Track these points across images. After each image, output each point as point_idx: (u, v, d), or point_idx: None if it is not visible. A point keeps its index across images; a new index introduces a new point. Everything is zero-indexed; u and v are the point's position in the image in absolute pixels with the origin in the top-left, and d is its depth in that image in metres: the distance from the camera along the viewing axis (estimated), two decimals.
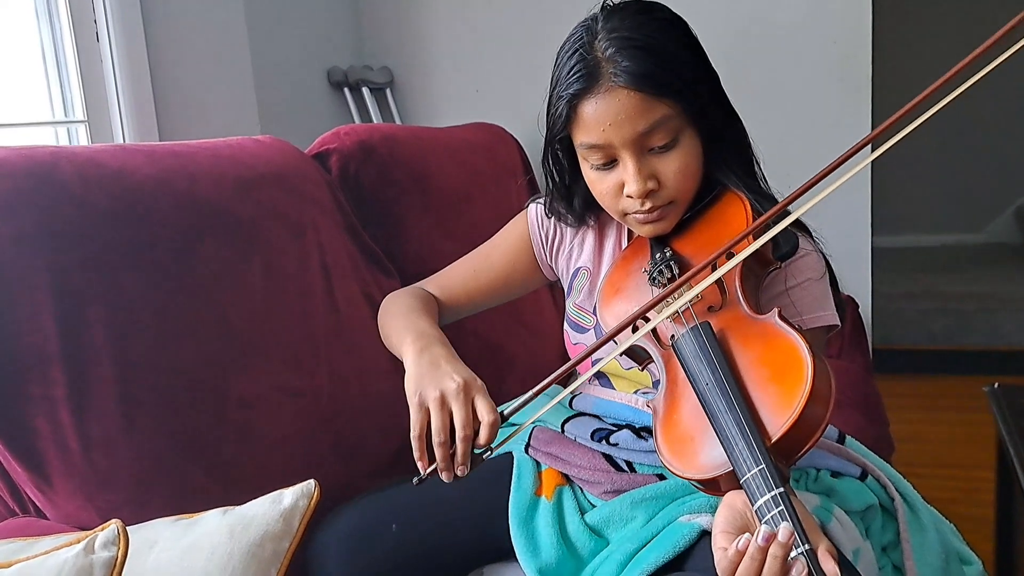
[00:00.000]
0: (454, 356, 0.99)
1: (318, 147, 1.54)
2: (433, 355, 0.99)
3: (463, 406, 0.91)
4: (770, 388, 0.83)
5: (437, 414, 0.92)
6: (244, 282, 1.20)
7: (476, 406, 0.92)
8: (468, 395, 0.92)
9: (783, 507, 0.73)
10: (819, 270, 1.05)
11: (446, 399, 0.92)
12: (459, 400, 0.91)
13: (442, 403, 0.92)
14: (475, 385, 0.93)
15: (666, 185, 0.98)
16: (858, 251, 2.25)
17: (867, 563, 0.98)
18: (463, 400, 0.91)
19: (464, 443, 0.90)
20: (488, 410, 0.91)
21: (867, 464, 1.10)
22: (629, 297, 1.03)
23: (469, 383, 0.93)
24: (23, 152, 1.06)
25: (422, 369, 0.97)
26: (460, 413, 0.91)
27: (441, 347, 1.01)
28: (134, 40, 1.73)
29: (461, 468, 0.91)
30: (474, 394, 0.92)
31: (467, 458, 0.91)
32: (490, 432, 0.90)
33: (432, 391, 0.93)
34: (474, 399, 0.92)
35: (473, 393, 0.92)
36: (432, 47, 2.54)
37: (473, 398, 0.92)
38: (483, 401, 0.92)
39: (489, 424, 0.90)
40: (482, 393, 0.93)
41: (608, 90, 0.94)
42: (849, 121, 2.20)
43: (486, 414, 0.91)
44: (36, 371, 0.98)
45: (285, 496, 0.72)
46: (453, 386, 0.92)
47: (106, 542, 0.55)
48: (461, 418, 0.91)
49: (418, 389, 0.95)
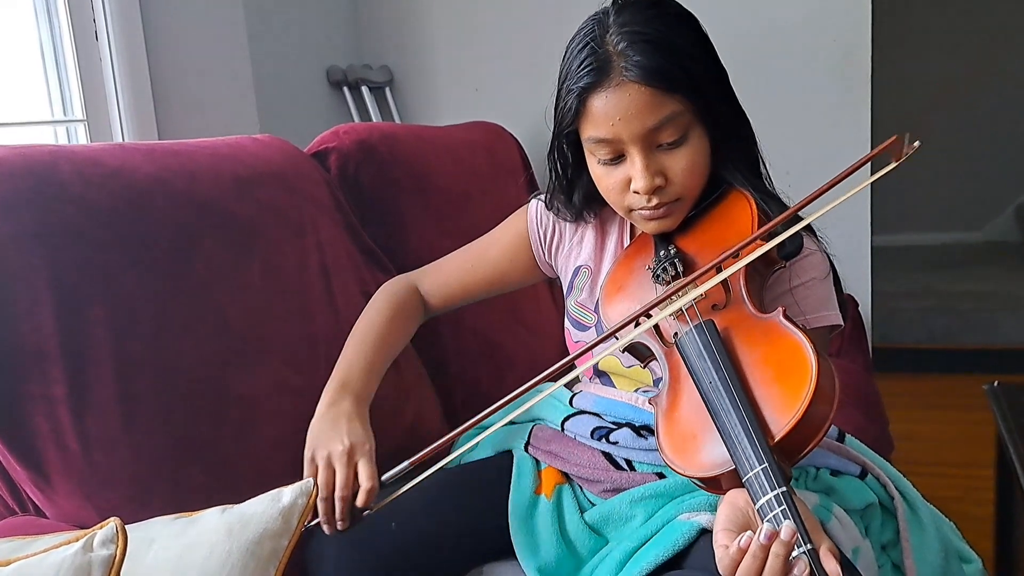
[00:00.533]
0: (358, 413, 1.05)
1: (317, 146, 1.54)
2: (339, 411, 1.04)
3: (345, 468, 0.97)
4: (774, 387, 0.83)
5: (322, 472, 0.97)
6: (243, 281, 1.20)
7: (359, 470, 0.97)
8: (352, 459, 0.98)
9: (786, 506, 0.73)
10: (823, 270, 1.05)
11: (331, 460, 0.98)
12: (342, 462, 0.97)
13: (327, 463, 0.98)
14: (361, 449, 0.99)
15: (673, 182, 0.98)
16: (858, 250, 2.25)
17: (867, 562, 0.98)
18: (346, 463, 0.97)
19: (341, 502, 0.96)
20: (367, 476, 0.97)
21: (867, 463, 1.10)
22: (632, 294, 1.03)
23: (355, 447, 0.99)
24: (22, 151, 1.06)
25: (323, 424, 1.03)
26: (341, 475, 0.97)
27: (350, 402, 1.05)
28: (133, 39, 1.73)
29: (340, 523, 0.97)
30: (357, 458, 0.98)
31: (345, 515, 0.96)
32: (366, 497, 0.96)
33: (322, 450, 0.99)
34: (357, 463, 0.98)
35: (356, 457, 0.98)
36: (431, 46, 2.53)
37: (356, 462, 0.98)
38: (365, 466, 0.97)
39: (366, 490, 0.96)
40: (366, 458, 0.99)
41: (619, 84, 0.93)
42: (848, 119, 2.20)
43: (365, 480, 0.96)
44: (35, 370, 0.98)
45: (284, 494, 0.72)
46: (340, 448, 0.98)
47: (105, 540, 0.55)
48: (341, 479, 0.96)
49: (312, 445, 1.01)
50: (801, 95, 2.24)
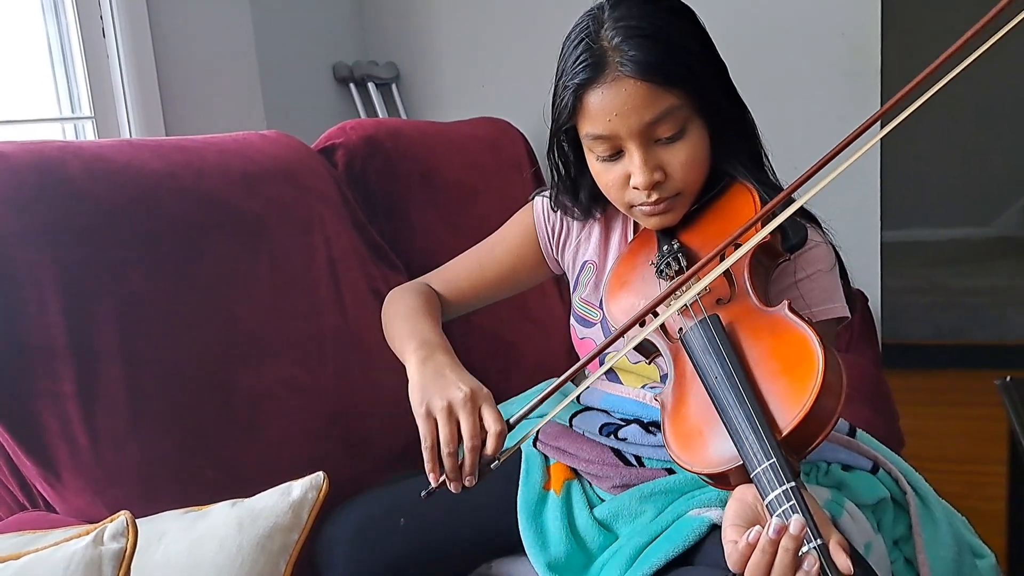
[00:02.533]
0: (458, 364, 0.99)
1: (324, 142, 1.54)
2: (437, 364, 0.98)
3: (470, 416, 0.90)
4: (780, 381, 0.82)
5: (445, 424, 0.91)
6: (251, 277, 1.20)
7: (483, 416, 0.91)
8: (475, 404, 0.91)
9: (795, 501, 0.73)
10: (829, 262, 1.04)
11: (453, 409, 0.91)
12: (466, 410, 0.91)
13: (449, 413, 0.91)
14: (481, 394, 0.93)
15: (673, 176, 0.97)
16: (867, 245, 2.24)
17: (879, 557, 0.97)
18: (470, 410, 0.91)
19: (472, 453, 0.90)
20: (495, 420, 0.90)
21: (878, 457, 1.09)
22: (636, 290, 1.02)
23: (475, 392, 0.92)
24: (30, 147, 1.06)
25: (426, 379, 0.96)
26: (467, 423, 0.90)
27: (444, 355, 1.00)
28: (140, 36, 1.73)
29: (469, 479, 0.90)
30: (480, 403, 0.92)
31: (475, 468, 0.90)
32: (497, 441, 0.90)
33: (439, 401, 0.92)
34: (481, 408, 0.91)
35: (479, 402, 0.92)
36: (437, 42, 2.53)
37: (480, 407, 0.91)
38: (489, 411, 0.91)
39: (496, 434, 0.90)
40: (488, 402, 0.92)
41: (615, 80, 0.93)
42: (858, 114, 2.19)
43: (493, 424, 0.90)
44: (44, 366, 0.98)
45: (294, 488, 0.72)
46: (460, 396, 0.92)
47: (115, 534, 0.55)
48: (468, 428, 0.90)
49: (424, 399, 0.94)
50: (810, 89, 2.23)
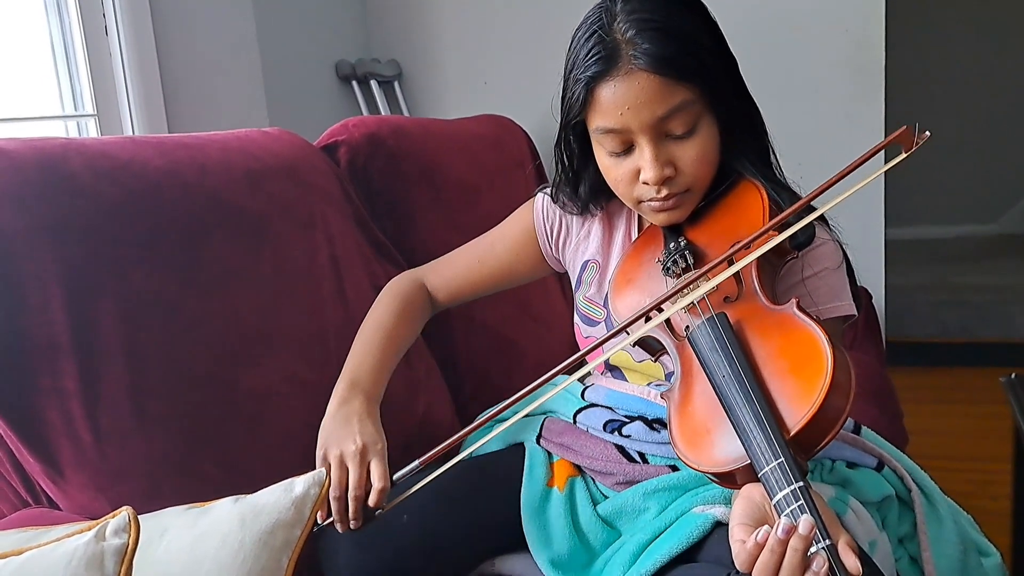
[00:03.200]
0: (369, 413, 1.04)
1: (327, 139, 1.54)
2: (350, 410, 1.03)
3: (357, 468, 0.96)
4: (789, 380, 0.82)
5: (335, 471, 0.96)
6: (254, 274, 1.20)
7: (371, 469, 0.96)
8: (364, 458, 0.97)
9: (803, 501, 0.72)
10: (836, 260, 1.03)
11: (343, 459, 0.97)
12: (355, 462, 0.96)
13: (340, 462, 0.97)
14: (373, 449, 0.98)
15: (683, 172, 0.97)
16: (872, 243, 2.24)
17: (883, 555, 0.97)
18: (359, 463, 0.96)
19: (355, 502, 0.95)
20: (379, 476, 0.96)
21: (884, 455, 1.09)
22: (642, 287, 1.02)
23: (368, 447, 0.98)
24: (33, 144, 1.06)
25: (334, 424, 1.02)
26: (354, 475, 0.96)
27: (362, 402, 1.04)
28: (143, 33, 1.73)
29: (353, 523, 0.96)
30: (370, 458, 0.98)
31: (358, 515, 0.95)
32: (378, 496, 0.95)
33: (334, 449, 0.98)
34: (370, 463, 0.97)
35: (369, 457, 0.98)
36: (440, 40, 2.53)
37: (369, 461, 0.97)
38: (377, 466, 0.96)
39: (378, 490, 0.95)
40: (379, 457, 0.97)
41: (627, 73, 0.92)
42: (862, 110, 2.19)
43: (377, 480, 0.95)
44: (47, 363, 0.98)
45: (296, 484, 0.71)
46: (352, 448, 0.97)
47: (117, 529, 0.55)
48: (354, 479, 0.96)
49: (324, 444, 1.00)
50: (814, 86, 2.23)
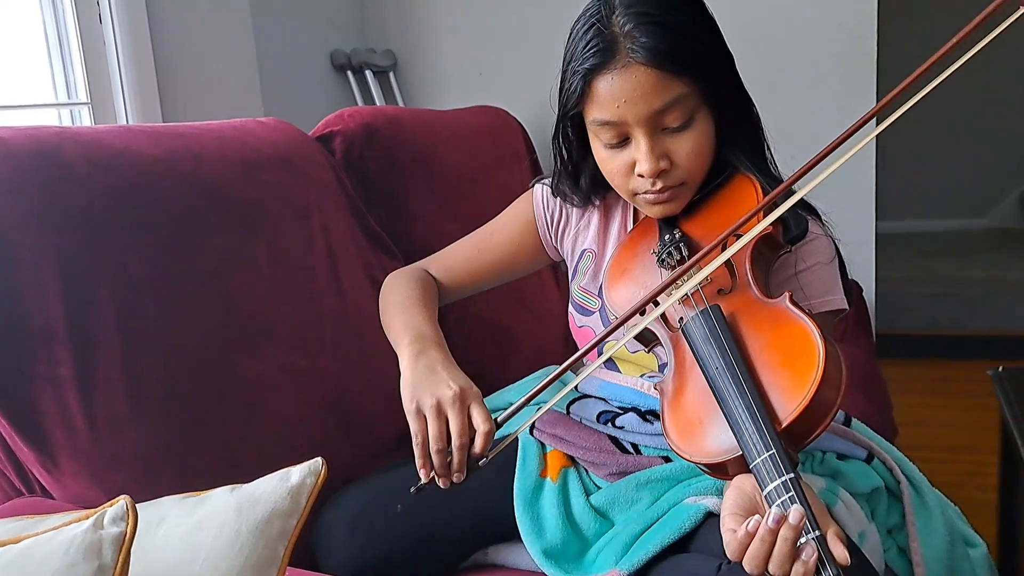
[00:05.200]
0: (450, 361, 0.99)
1: (322, 129, 1.54)
2: (430, 360, 0.98)
3: (459, 415, 0.91)
4: (781, 372, 0.83)
5: (434, 422, 0.91)
6: (249, 263, 1.20)
7: (472, 414, 0.92)
8: (464, 403, 0.92)
9: (794, 492, 0.73)
10: (829, 254, 1.04)
11: (442, 407, 0.92)
12: (455, 408, 0.91)
13: (438, 411, 0.92)
14: (471, 393, 0.93)
15: (678, 165, 0.97)
16: (862, 236, 2.25)
17: (872, 545, 0.98)
18: (459, 409, 0.91)
19: (460, 451, 0.90)
20: (484, 419, 0.91)
21: (873, 446, 1.10)
22: (636, 279, 1.02)
23: (465, 391, 0.93)
24: (28, 133, 1.05)
25: (418, 375, 0.97)
26: (456, 421, 0.91)
27: (437, 351, 1.00)
28: (137, 22, 1.73)
29: (457, 475, 0.91)
30: (470, 402, 0.92)
31: (463, 465, 0.91)
32: (485, 440, 0.90)
33: (428, 399, 0.93)
34: (470, 407, 0.92)
35: (469, 401, 0.92)
36: (436, 30, 2.53)
37: (469, 406, 0.92)
38: (479, 410, 0.92)
39: (484, 433, 0.90)
40: (478, 401, 0.93)
41: (625, 66, 0.92)
42: (855, 103, 2.20)
43: (481, 423, 0.91)
44: (42, 351, 0.98)
45: (292, 474, 0.72)
46: (449, 394, 0.92)
47: (115, 518, 0.56)
48: (457, 426, 0.91)
49: (415, 396, 0.94)
50: (807, 79, 2.24)
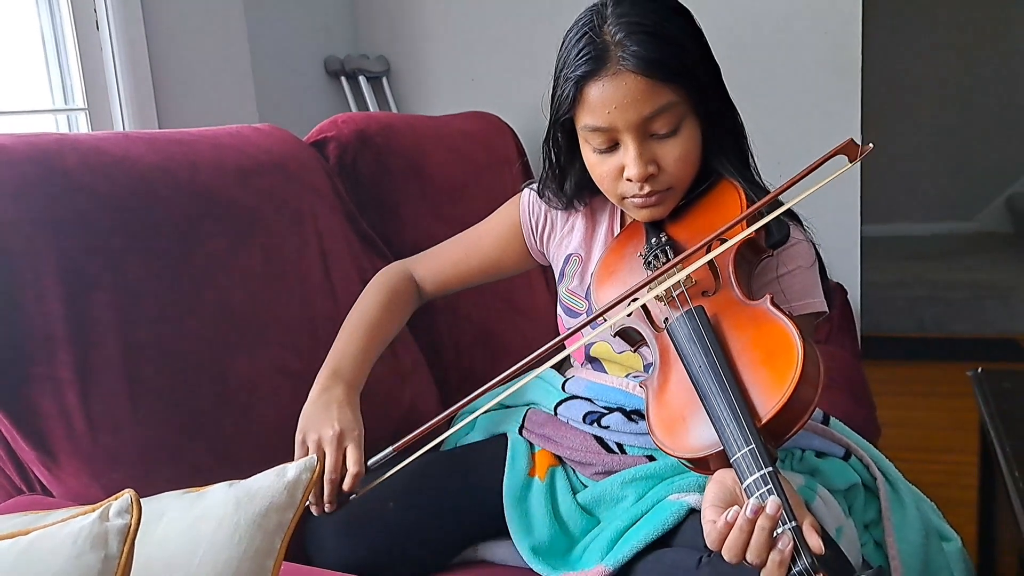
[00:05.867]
0: (349, 400, 1.07)
1: (316, 135, 1.56)
2: (330, 397, 1.06)
3: (334, 453, 1.00)
4: (761, 371, 0.85)
5: (312, 455, 0.98)
6: (245, 267, 1.22)
7: (347, 454, 1.00)
8: (341, 444, 1.01)
9: (771, 485, 0.76)
10: (809, 258, 1.07)
11: (321, 444, 1.01)
12: (332, 447, 1.00)
13: (317, 447, 1.01)
14: (350, 435, 1.02)
15: (665, 170, 1.00)
16: (847, 239, 2.28)
17: (850, 540, 1.01)
18: (335, 447, 1.00)
19: (330, 485, 0.99)
20: (354, 461, 1.00)
21: (850, 444, 1.13)
22: (623, 281, 1.05)
23: (345, 432, 1.02)
24: (28, 140, 1.07)
25: (314, 409, 1.05)
26: (330, 459, 1.00)
27: (343, 389, 1.08)
28: (134, 29, 1.75)
29: (328, 506, 0.99)
30: (346, 443, 1.01)
31: (333, 497, 0.99)
32: (352, 481, 0.99)
33: (312, 434, 1.02)
34: (346, 448, 1.01)
35: (346, 443, 1.01)
36: (428, 37, 2.55)
37: (345, 447, 1.01)
38: (353, 452, 1.00)
39: (352, 475, 0.99)
40: (355, 443, 1.01)
41: (616, 74, 0.95)
42: (840, 110, 2.23)
43: (352, 465, 0.99)
44: (43, 353, 1.00)
45: (288, 470, 0.74)
46: (330, 433, 1.01)
47: (120, 510, 0.58)
48: (330, 463, 0.99)
49: (303, 428, 1.04)
50: (792, 87, 2.27)
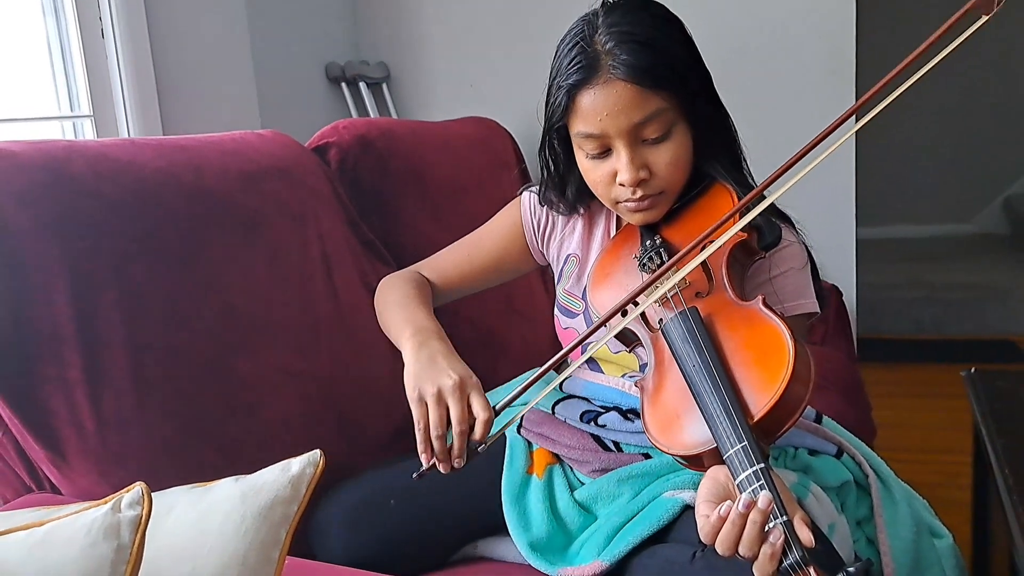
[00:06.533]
0: (451, 351, 1.03)
1: (317, 141, 1.58)
2: (431, 350, 1.02)
3: (459, 402, 0.95)
4: (753, 370, 0.87)
5: (434, 410, 0.96)
6: (249, 269, 1.25)
7: (471, 402, 0.96)
8: (464, 392, 0.96)
9: (764, 480, 0.78)
10: (801, 260, 1.09)
11: (443, 395, 0.96)
12: (455, 397, 0.95)
13: (439, 399, 0.96)
14: (470, 382, 0.97)
15: (658, 175, 1.02)
16: (843, 241, 2.30)
17: (842, 537, 1.02)
18: (459, 397, 0.96)
19: (460, 438, 0.95)
20: (482, 407, 0.95)
21: (843, 442, 1.14)
22: (619, 282, 1.07)
23: (465, 380, 0.97)
24: (38, 146, 1.10)
25: (420, 365, 1.01)
26: (456, 409, 0.95)
27: (439, 342, 1.04)
28: (138, 37, 1.77)
29: (458, 461, 0.95)
30: (469, 391, 0.96)
31: (463, 451, 0.95)
32: (484, 428, 0.94)
33: (430, 387, 0.97)
34: (469, 396, 0.96)
35: (468, 390, 0.96)
36: (428, 43, 2.57)
37: (469, 395, 0.96)
38: (478, 398, 0.96)
39: (484, 421, 0.94)
40: (477, 390, 0.97)
41: (607, 82, 0.98)
42: (836, 113, 2.24)
43: (481, 411, 0.95)
44: (52, 354, 1.02)
45: (293, 464, 0.76)
46: (449, 383, 0.96)
47: (132, 502, 0.60)
48: (457, 414, 0.95)
49: (417, 385, 0.98)
50: (788, 91, 2.29)
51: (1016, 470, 1.06)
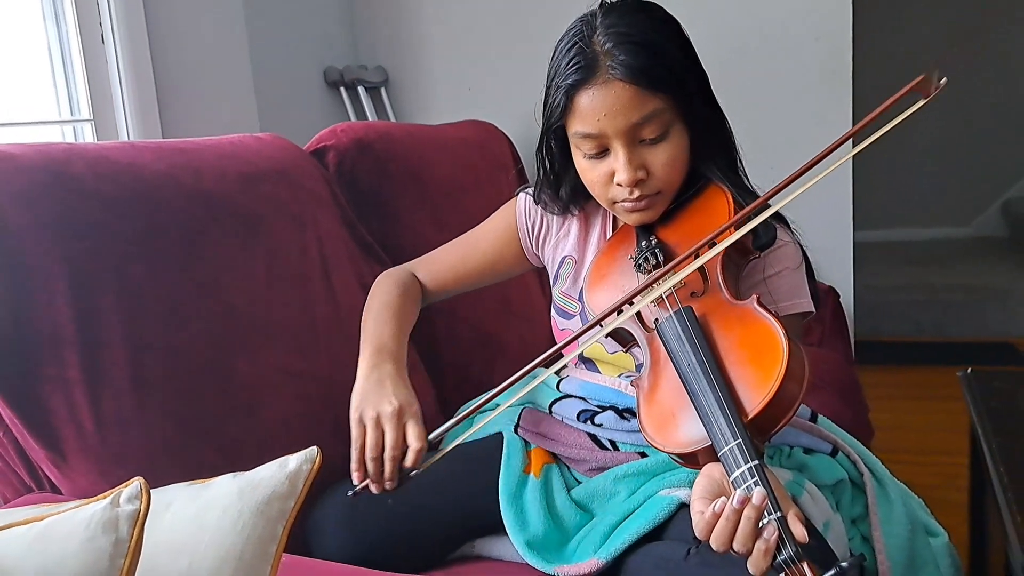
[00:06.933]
0: (400, 376, 1.07)
1: (316, 144, 1.59)
2: (381, 373, 1.07)
3: (395, 429, 1.00)
4: (748, 368, 0.88)
5: (372, 433, 1.01)
6: (247, 271, 1.25)
7: (407, 430, 1.01)
8: (401, 420, 1.01)
9: (757, 477, 0.79)
10: (796, 260, 1.10)
11: (381, 420, 1.01)
12: (392, 423, 1.00)
13: (377, 423, 1.01)
14: (410, 410, 1.02)
15: (654, 175, 1.03)
16: (840, 244, 2.31)
17: (837, 535, 1.03)
18: (395, 424, 1.01)
19: (391, 462, 1.00)
20: (416, 436, 1.00)
21: (837, 441, 1.15)
22: (615, 283, 1.08)
23: (404, 408, 1.02)
24: (39, 148, 1.11)
25: (368, 386, 1.06)
26: (391, 436, 1.00)
27: (392, 365, 1.09)
28: (138, 41, 1.78)
29: (388, 483, 1.00)
30: (407, 419, 1.01)
31: (394, 475, 1.00)
32: (415, 456, 1.00)
33: (370, 411, 1.02)
34: (406, 424, 1.01)
35: (406, 418, 1.01)
36: (426, 47, 2.59)
37: (406, 423, 1.01)
38: (414, 427, 1.01)
39: (415, 450, 1.00)
40: (415, 419, 1.02)
41: (605, 82, 0.99)
42: (831, 116, 2.26)
43: (414, 440, 1.00)
44: (52, 354, 1.03)
45: (290, 461, 0.77)
46: (389, 409, 1.01)
47: (130, 497, 0.61)
48: (391, 440, 1.00)
49: (359, 406, 1.04)
50: (785, 93, 2.30)
51: (1011, 469, 1.06)
